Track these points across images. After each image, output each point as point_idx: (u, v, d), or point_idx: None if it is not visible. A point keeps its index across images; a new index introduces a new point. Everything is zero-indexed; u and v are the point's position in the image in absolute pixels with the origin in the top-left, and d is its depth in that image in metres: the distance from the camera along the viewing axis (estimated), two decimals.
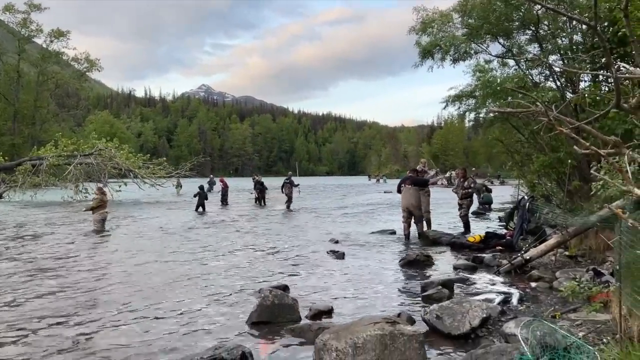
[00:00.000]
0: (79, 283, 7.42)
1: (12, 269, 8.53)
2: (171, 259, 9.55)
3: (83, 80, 75.69)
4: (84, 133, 63.21)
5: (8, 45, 69.75)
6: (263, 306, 5.55)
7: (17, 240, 12.21)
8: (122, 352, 4.54)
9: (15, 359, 4.34)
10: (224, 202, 25.05)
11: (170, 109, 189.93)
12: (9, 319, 5.54)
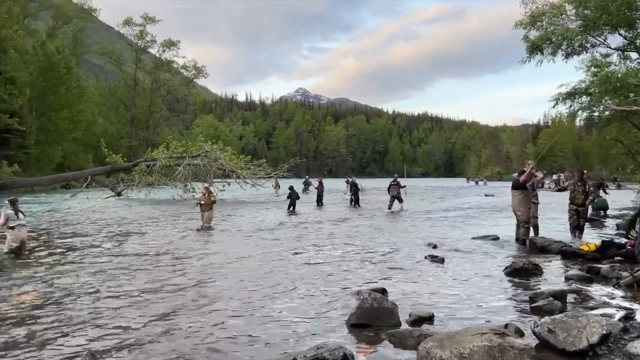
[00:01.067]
0: (186, 277, 7.92)
1: (128, 260, 9.33)
2: (268, 257, 9.87)
3: (191, 86, 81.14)
4: (191, 136, 67.65)
5: (127, 55, 76.60)
6: (362, 309, 5.54)
7: (136, 234, 13.35)
8: (227, 346, 4.76)
9: (125, 349, 4.72)
10: (320, 202, 25.45)
11: (269, 112, 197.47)
12: (123, 309, 6.05)
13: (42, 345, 4.68)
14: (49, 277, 7.87)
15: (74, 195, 32.30)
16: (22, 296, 6.56)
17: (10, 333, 5.02)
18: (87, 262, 9.29)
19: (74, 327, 5.24)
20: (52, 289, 6.99)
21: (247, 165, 34.00)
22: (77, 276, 7.90)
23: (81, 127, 57.39)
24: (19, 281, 7.54)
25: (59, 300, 6.37)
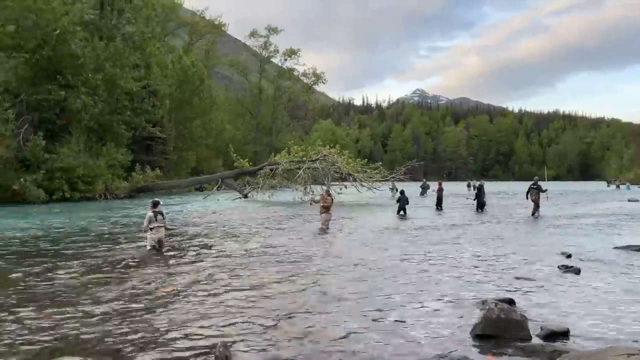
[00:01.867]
0: (306, 278, 8.16)
1: (253, 259, 9.87)
2: (384, 262, 9.80)
3: (310, 92, 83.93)
4: (310, 140, 69.84)
5: (252, 66, 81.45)
6: (488, 319, 5.27)
7: (260, 234, 14.11)
8: (351, 349, 4.80)
9: (253, 343, 4.97)
10: (439, 206, 24.73)
11: (386, 115, 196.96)
12: (249, 305, 6.39)
13: (179, 333, 5.13)
14: (184, 272, 8.61)
15: (206, 197, 35.11)
16: (162, 289, 7.26)
17: (152, 322, 5.58)
18: (217, 259, 10.01)
19: (208, 319, 5.67)
20: (188, 283, 7.63)
21: (363, 169, 34.24)
22: (208, 272, 8.54)
23: (212, 134, 62.34)
24: (159, 275, 8.36)
25: (193, 294, 6.94)
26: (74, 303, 6.36)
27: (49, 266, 9.14)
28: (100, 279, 7.93)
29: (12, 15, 32.26)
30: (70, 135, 34.48)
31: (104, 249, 11.47)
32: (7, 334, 5.09)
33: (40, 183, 30.85)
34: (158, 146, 48.32)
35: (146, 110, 42.41)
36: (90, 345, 4.74)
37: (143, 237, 11.69)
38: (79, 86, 34.64)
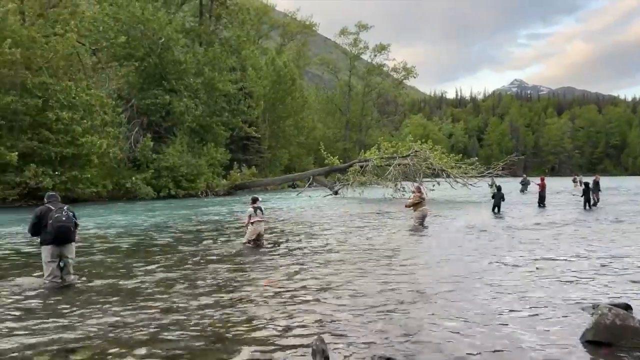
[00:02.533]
0: (399, 274, 8.04)
1: (345, 255, 9.91)
2: (482, 262, 9.37)
3: (400, 87, 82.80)
4: (400, 136, 68.91)
5: (342, 64, 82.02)
6: (600, 325, 4.85)
7: (352, 230, 14.16)
8: (450, 350, 4.65)
9: (346, 338, 4.97)
10: (541, 204, 23.22)
11: (481, 108, 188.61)
12: (343, 300, 6.41)
13: (277, 326, 5.29)
14: (282, 266, 8.87)
15: (299, 194, 35.98)
16: (263, 281, 7.53)
17: (255, 313, 5.80)
18: (312, 254, 10.20)
19: (305, 313, 5.78)
20: (286, 277, 7.85)
21: (457, 164, 33.08)
22: (305, 266, 8.72)
23: (304, 133, 63.73)
24: (258, 268, 8.68)
25: (291, 288, 7.11)
26: (176, 294, 6.79)
27: (158, 258, 9.86)
28: (201, 270, 8.40)
29: (123, 27, 35.21)
30: (175, 136, 36.99)
31: (207, 242, 12.16)
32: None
33: (149, 181, 33.44)
34: (253, 145, 50.33)
35: (242, 111, 44.38)
36: (194, 333, 5.03)
37: (243, 231, 12.22)
38: (182, 90, 37.03)
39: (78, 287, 7.25)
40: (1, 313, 5.82)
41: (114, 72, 35.99)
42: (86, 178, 29.19)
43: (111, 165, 33.05)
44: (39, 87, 27.74)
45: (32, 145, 27.45)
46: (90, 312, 5.84)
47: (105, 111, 31.30)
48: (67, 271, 7.34)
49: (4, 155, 25.65)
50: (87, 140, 28.35)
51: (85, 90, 29.74)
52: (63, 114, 27.52)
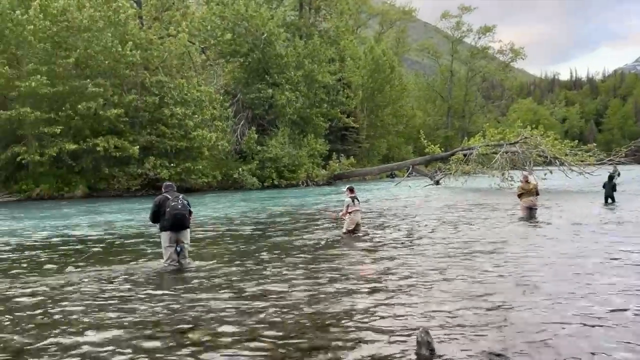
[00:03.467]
0: (511, 268, 7.60)
1: (452, 246, 9.58)
2: (595, 259, 8.54)
3: (507, 70, 78.24)
4: (507, 122, 65.29)
5: (443, 48, 79.26)
6: None
7: (455, 222, 13.68)
8: (568, 350, 4.32)
9: (455, 332, 4.78)
10: None
11: (599, 89, 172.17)
12: (454, 293, 6.19)
13: (379, 316, 5.25)
14: (381, 256, 8.81)
15: (397, 184, 35.55)
16: (362, 271, 7.54)
17: (353, 303, 5.81)
18: (411, 245, 10.02)
19: (408, 304, 5.68)
20: (385, 267, 7.79)
21: (572, 151, 30.51)
22: (404, 257, 8.59)
23: (403, 121, 62.73)
24: (357, 257, 8.71)
25: (391, 278, 7.04)
26: (282, 279, 7.02)
27: (263, 245, 10.29)
28: (301, 259, 8.61)
29: (228, 25, 37.01)
30: (277, 128, 38.30)
31: (308, 230, 12.46)
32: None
33: (254, 172, 35.02)
34: (352, 135, 50.57)
35: (341, 101, 44.75)
36: (295, 320, 5.16)
37: (340, 221, 12.34)
38: (283, 83, 38.15)
39: (193, 270, 7.78)
40: (129, 291, 6.42)
41: (221, 69, 38.04)
42: (198, 169, 31.29)
43: (220, 157, 35.07)
44: (156, 86, 30.13)
45: (151, 139, 29.95)
46: (204, 294, 6.23)
47: (214, 106, 33.23)
48: (183, 255, 7.91)
49: (127, 148, 28.27)
50: (198, 134, 30.32)
51: (196, 86, 31.76)
52: (177, 110, 29.66)
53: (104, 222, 15.78)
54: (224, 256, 9.17)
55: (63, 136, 27.46)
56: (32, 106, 26.53)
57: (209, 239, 11.64)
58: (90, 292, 6.46)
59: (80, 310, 5.57)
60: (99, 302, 5.89)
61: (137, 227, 14.07)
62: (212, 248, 10.22)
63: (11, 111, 26.11)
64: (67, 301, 5.98)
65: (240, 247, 10.17)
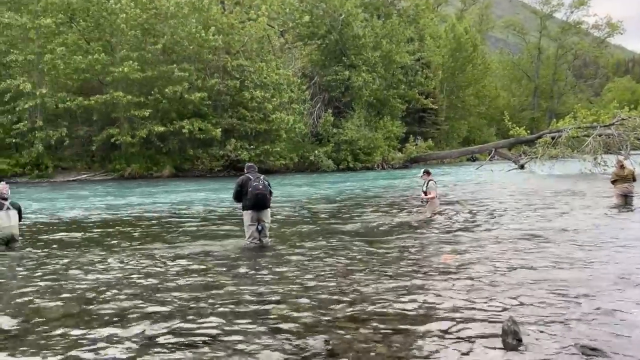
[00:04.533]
0: (593, 256, 7.07)
1: (537, 235, 9.07)
2: None
3: (602, 47, 72.31)
4: (601, 102, 60.59)
5: (529, 24, 74.64)
6: None
7: (539, 209, 12.95)
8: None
9: (546, 321, 4.52)
10: None
11: None
12: (526, 286, 5.87)
13: (462, 303, 5.09)
14: (462, 242, 8.52)
15: (479, 168, 34.25)
16: (443, 257, 7.34)
17: (435, 288, 5.68)
18: (492, 231, 9.60)
19: (492, 292, 5.46)
20: (467, 254, 7.53)
21: None
22: (487, 244, 8.26)
23: (485, 102, 60.10)
24: (436, 242, 8.48)
25: (473, 265, 6.79)
26: (362, 260, 7.01)
27: (342, 227, 10.35)
28: (380, 242, 8.54)
29: (307, 7, 37.16)
30: (353, 110, 38.15)
31: (386, 213, 12.36)
32: None
33: (330, 154, 35.25)
34: (430, 117, 49.27)
35: (419, 82, 43.64)
36: (380, 305, 5.13)
37: (419, 206, 12.12)
38: (360, 65, 37.82)
39: (274, 248, 7.99)
40: (213, 268, 6.72)
41: (299, 52, 38.37)
42: (276, 151, 32.01)
43: (297, 139, 35.62)
44: (237, 69, 31.02)
45: (232, 122, 31.00)
46: (285, 270, 6.38)
47: (291, 89, 33.69)
48: (264, 234, 8.13)
49: (210, 131, 29.48)
50: (276, 117, 30.94)
51: (275, 70, 32.32)
52: (257, 93, 30.39)
53: (190, 200, 16.63)
54: (303, 235, 9.32)
55: (152, 119, 29.14)
56: (124, 90, 28.35)
57: (288, 218, 11.89)
58: (176, 268, 6.82)
59: (169, 285, 5.90)
60: (186, 278, 6.20)
61: (220, 207, 14.67)
62: (291, 227, 10.43)
63: (106, 95, 28.05)
64: (151, 277, 6.36)
65: (318, 227, 10.28)
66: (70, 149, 30.39)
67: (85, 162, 30.72)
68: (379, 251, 7.73)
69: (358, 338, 4.08)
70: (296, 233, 9.73)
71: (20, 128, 27.85)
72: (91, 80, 30.29)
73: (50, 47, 28.12)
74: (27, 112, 28.24)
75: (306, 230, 10.03)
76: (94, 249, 8.22)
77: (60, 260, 7.28)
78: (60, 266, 6.88)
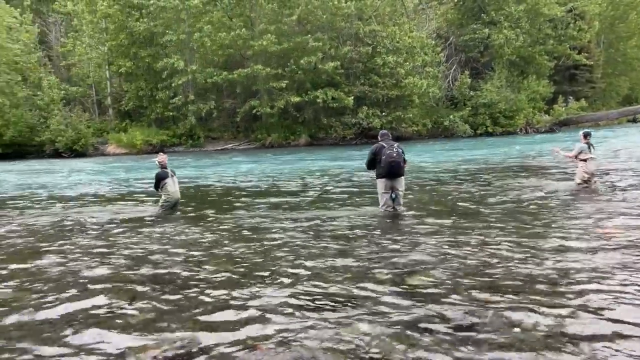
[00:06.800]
0: None
1: None
2: None
3: None
4: None
5: None
6: None
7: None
8: None
9: None
10: None
11: None
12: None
13: (626, 284, 4.53)
14: (619, 212, 7.55)
15: None
16: (600, 229, 6.60)
17: (594, 264, 5.13)
18: None
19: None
20: (629, 228, 6.66)
21: None
22: None
23: None
24: (592, 213, 7.62)
25: (628, 240, 6.00)
26: (505, 232, 6.59)
27: (479, 195, 9.84)
28: (526, 212, 7.94)
29: None
30: (493, 71, 35.65)
31: (534, 180, 11.47)
32: None
33: (466, 119, 33.56)
34: (583, 74, 44.00)
35: (571, 36, 39.04)
36: (511, 276, 4.79)
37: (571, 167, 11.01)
38: (502, 21, 34.99)
39: (407, 216, 7.89)
40: (347, 234, 6.85)
41: (434, 12, 36.67)
42: (408, 118, 31.40)
43: (430, 104, 34.47)
44: (369, 35, 30.72)
45: (364, 89, 30.97)
46: (420, 239, 6.26)
47: (425, 52, 32.49)
48: (398, 202, 8.06)
49: (343, 99, 29.82)
50: (409, 81, 30.18)
51: (408, 33, 31.37)
52: (389, 59, 29.87)
53: (325, 168, 17.16)
54: (438, 204, 9.05)
55: (288, 90, 30.32)
56: (263, 64, 29.80)
57: (422, 186, 11.64)
58: (312, 232, 7.08)
59: (301, 252, 6.15)
60: (320, 242, 6.42)
61: (354, 174, 14.89)
62: (425, 196, 10.20)
63: (247, 69, 29.76)
64: (289, 245, 6.67)
65: (455, 197, 9.90)
66: (218, 120, 33.08)
67: (231, 132, 33.25)
68: (526, 221, 7.20)
69: (501, 311, 3.86)
70: (432, 201, 9.48)
71: (175, 102, 30.95)
72: (234, 55, 32.31)
73: (198, 26, 30.51)
74: (180, 87, 31.21)
75: (441, 199, 9.72)
76: (256, 211, 8.89)
77: (237, 220, 8.03)
78: (232, 225, 7.57)
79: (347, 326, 3.63)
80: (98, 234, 7.43)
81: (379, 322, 3.69)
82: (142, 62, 32.08)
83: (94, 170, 20.52)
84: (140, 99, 32.87)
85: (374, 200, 8.73)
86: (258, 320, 3.82)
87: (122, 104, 33.91)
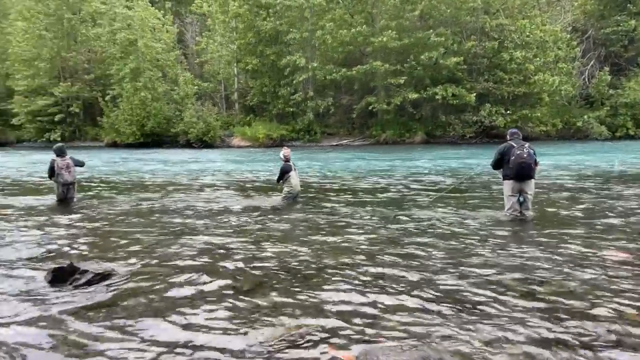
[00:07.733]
0: None
1: None
2: None
3: None
4: None
5: None
6: None
7: None
8: None
9: None
10: None
11: None
12: None
13: None
14: None
15: None
16: None
17: None
18: None
19: None
20: None
21: None
22: None
23: None
24: None
25: None
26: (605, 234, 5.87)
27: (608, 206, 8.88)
28: None
29: None
30: (638, 67, 31.94)
31: None
32: None
33: (603, 120, 30.51)
34: None
35: None
36: None
37: None
38: None
39: (535, 221, 7.34)
40: (469, 237, 6.55)
41: (570, 3, 33.78)
42: (536, 117, 29.32)
43: (562, 103, 31.85)
44: (495, 30, 29.17)
45: (488, 86, 29.48)
46: (545, 247, 5.79)
47: (558, 46, 30.09)
48: (526, 206, 7.52)
49: (464, 96, 28.68)
50: (539, 78, 28.16)
51: (540, 26, 29.25)
52: (516, 54, 28.11)
53: (448, 167, 16.65)
54: (572, 210, 8.32)
55: (406, 86, 29.88)
56: (382, 60, 29.67)
57: (552, 192, 10.78)
58: (435, 232, 6.88)
59: (417, 253, 6.00)
60: (435, 240, 6.21)
61: (479, 174, 14.26)
62: (558, 200, 9.42)
63: (366, 66, 29.84)
64: (421, 236, 6.53)
65: (592, 207, 9.02)
66: (335, 116, 33.64)
67: (347, 128, 33.63)
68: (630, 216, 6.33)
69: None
70: (564, 206, 8.74)
71: (296, 99, 32.04)
72: (353, 52, 32.58)
73: (320, 24, 31.23)
74: (301, 84, 32.23)
75: (577, 205, 8.92)
76: (357, 207, 8.94)
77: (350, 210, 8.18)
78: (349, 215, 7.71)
79: (472, 332, 3.47)
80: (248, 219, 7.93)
81: (508, 330, 3.48)
82: (267, 60, 33.63)
83: (240, 160, 21.98)
84: (264, 94, 34.54)
85: (492, 202, 8.26)
86: (378, 318, 3.80)
87: (247, 100, 35.90)
